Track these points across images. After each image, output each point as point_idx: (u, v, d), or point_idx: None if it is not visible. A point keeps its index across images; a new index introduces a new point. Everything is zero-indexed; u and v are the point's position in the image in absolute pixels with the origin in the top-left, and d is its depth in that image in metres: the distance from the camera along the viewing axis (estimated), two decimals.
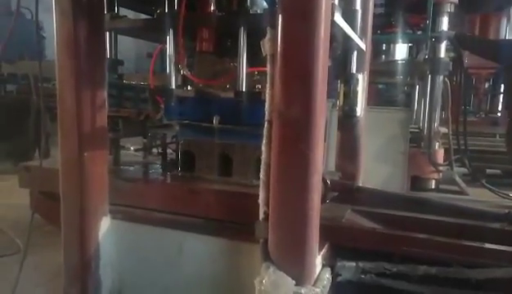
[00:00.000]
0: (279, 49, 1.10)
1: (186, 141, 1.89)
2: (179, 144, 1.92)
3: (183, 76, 1.87)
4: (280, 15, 1.09)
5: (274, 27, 1.12)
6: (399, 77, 5.37)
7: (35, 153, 5.22)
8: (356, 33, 1.73)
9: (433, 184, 4.64)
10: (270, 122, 1.20)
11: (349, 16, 1.68)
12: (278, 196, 1.16)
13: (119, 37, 2.11)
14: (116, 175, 1.84)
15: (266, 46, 1.17)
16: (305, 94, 1.08)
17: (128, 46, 2.08)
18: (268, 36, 1.15)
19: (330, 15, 1.14)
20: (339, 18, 1.36)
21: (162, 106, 1.93)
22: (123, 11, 1.99)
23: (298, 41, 1.07)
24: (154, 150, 2.35)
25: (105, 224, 1.67)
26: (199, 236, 1.60)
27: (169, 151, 2.15)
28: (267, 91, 1.19)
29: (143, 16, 2.11)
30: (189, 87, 1.95)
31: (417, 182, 4.53)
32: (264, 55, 1.19)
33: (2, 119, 4.89)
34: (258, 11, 1.65)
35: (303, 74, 1.08)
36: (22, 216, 2.32)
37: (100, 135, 1.61)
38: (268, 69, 1.18)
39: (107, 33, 1.87)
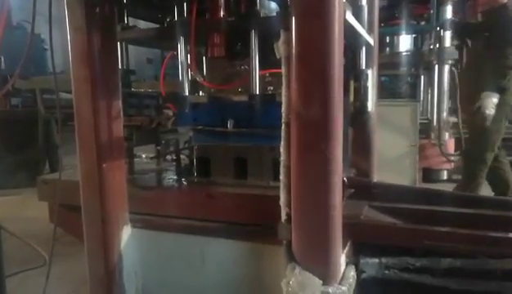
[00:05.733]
0: (294, 51, 1.10)
1: (200, 147, 1.89)
2: (193, 150, 1.93)
3: (193, 82, 1.88)
4: (293, 18, 1.09)
5: (288, 29, 1.13)
6: (403, 69, 5.34)
7: (45, 165, 5.27)
8: (364, 29, 1.73)
9: (445, 175, 4.62)
10: (287, 124, 1.20)
11: (356, 12, 1.69)
12: (300, 197, 1.16)
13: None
14: (133, 183, 1.85)
15: (280, 48, 1.17)
16: (323, 94, 1.08)
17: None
18: (282, 38, 1.16)
19: (343, 15, 1.14)
20: (350, 16, 1.37)
21: (170, 113, 1.93)
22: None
23: (314, 42, 1.07)
24: (167, 157, 2.36)
25: (126, 233, 1.68)
26: (220, 240, 1.61)
27: (182, 157, 2.16)
28: (283, 93, 1.20)
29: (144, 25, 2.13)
30: (200, 93, 1.96)
31: (429, 174, 4.51)
32: (278, 57, 1.19)
33: (10, 133, 4.91)
34: (267, 14, 1.66)
35: (320, 74, 1.08)
36: (40, 229, 2.34)
37: (117, 145, 1.63)
38: (283, 71, 1.19)
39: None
